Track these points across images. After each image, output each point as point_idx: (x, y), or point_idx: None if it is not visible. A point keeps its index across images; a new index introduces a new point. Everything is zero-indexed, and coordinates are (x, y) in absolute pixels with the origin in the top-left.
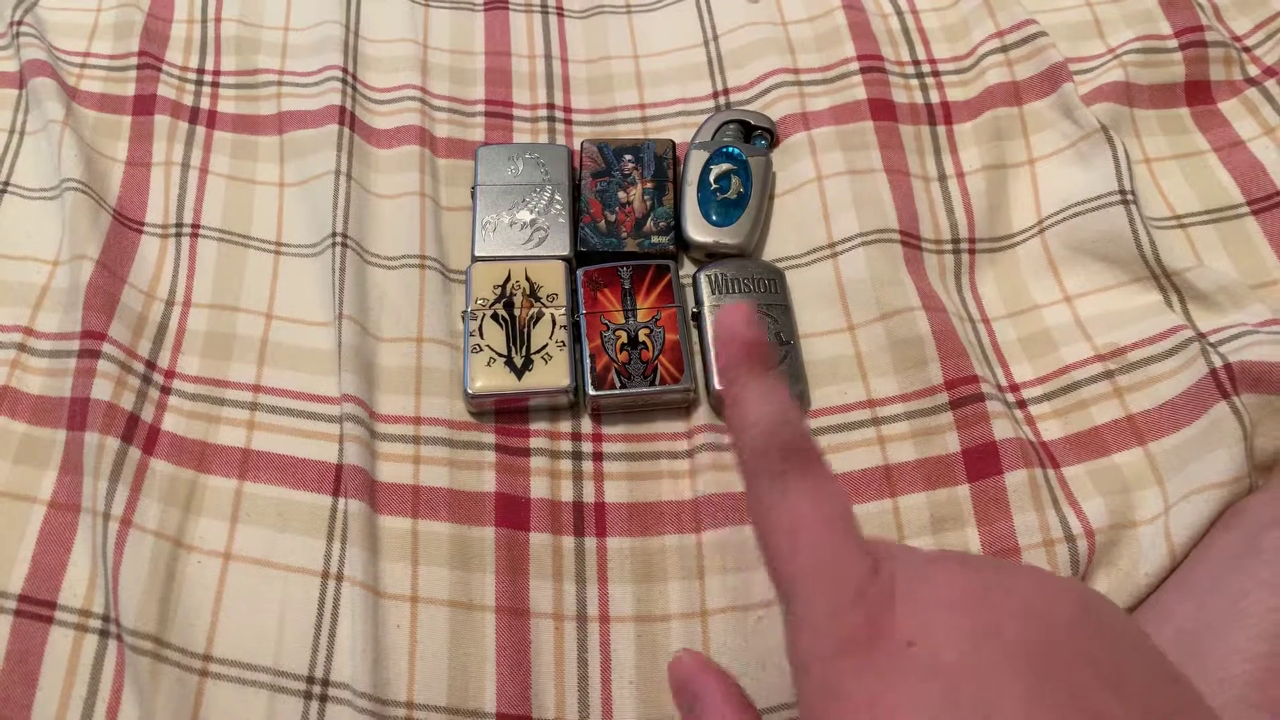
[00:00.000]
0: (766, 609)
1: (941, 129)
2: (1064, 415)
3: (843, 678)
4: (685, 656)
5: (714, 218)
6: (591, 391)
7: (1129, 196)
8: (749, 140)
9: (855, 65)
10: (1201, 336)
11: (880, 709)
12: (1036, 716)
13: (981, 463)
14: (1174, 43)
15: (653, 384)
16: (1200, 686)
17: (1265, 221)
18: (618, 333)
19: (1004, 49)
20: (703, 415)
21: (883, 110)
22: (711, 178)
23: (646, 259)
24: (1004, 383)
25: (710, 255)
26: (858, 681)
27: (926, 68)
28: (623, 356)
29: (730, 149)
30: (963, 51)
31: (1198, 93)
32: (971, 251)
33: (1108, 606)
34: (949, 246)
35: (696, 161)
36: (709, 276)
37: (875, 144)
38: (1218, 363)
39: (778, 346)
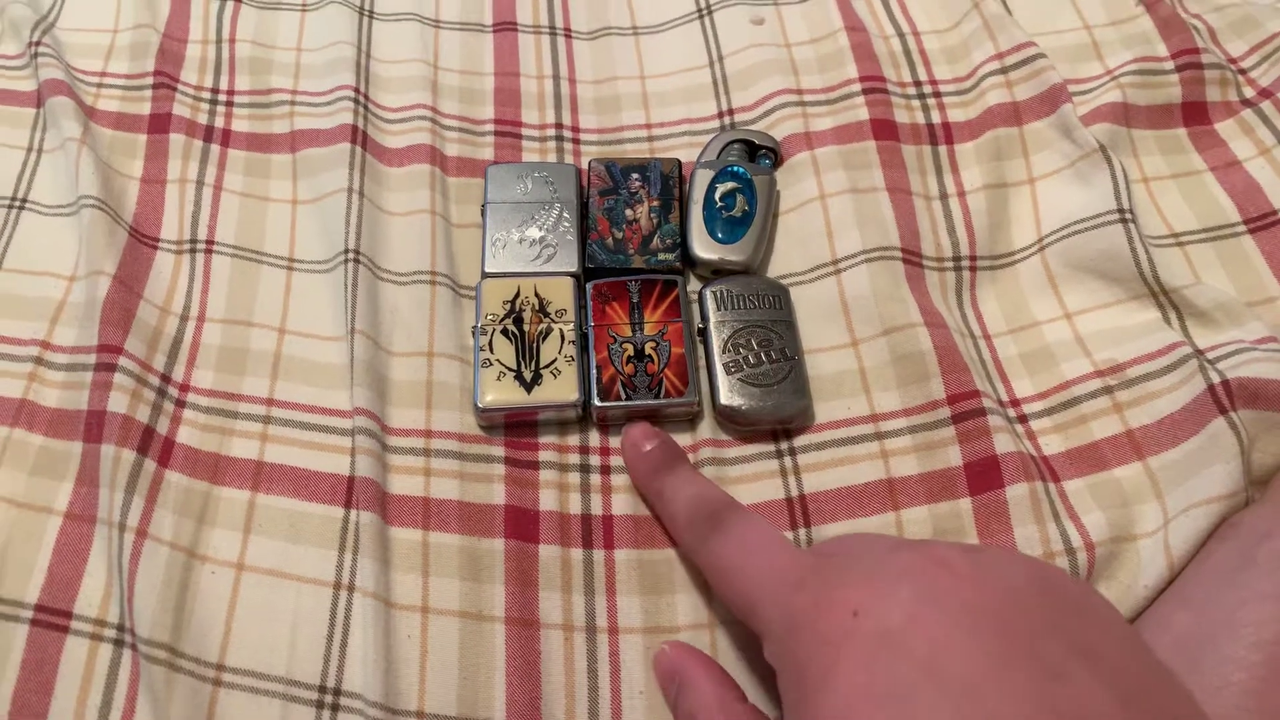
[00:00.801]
0: None
1: (943, 149)
2: (1064, 430)
3: (799, 655)
4: (667, 647)
5: (719, 235)
6: (597, 402)
7: (1128, 215)
8: (753, 159)
9: (858, 86)
10: (1200, 353)
11: (835, 675)
12: (991, 671)
13: (983, 476)
14: (1170, 64)
15: (658, 396)
16: (1197, 695)
17: (1262, 240)
18: (624, 345)
19: (1004, 70)
20: (706, 429)
21: (885, 130)
22: (717, 196)
23: (654, 275)
24: (1005, 398)
25: (716, 272)
26: (812, 653)
27: (928, 88)
28: (629, 369)
29: (735, 168)
30: (963, 73)
31: (1194, 114)
32: (973, 269)
33: (1077, 585)
34: (950, 264)
35: (702, 180)
36: (714, 293)
37: (878, 163)
38: (1215, 379)
39: (783, 362)
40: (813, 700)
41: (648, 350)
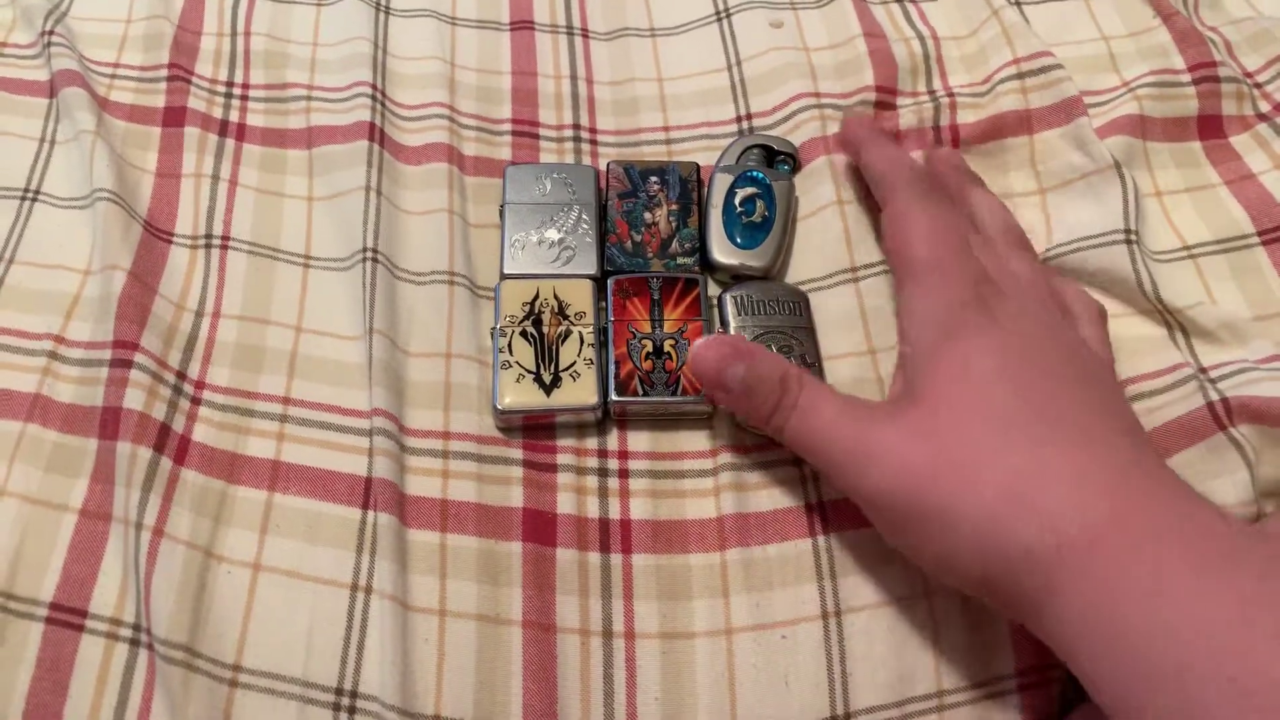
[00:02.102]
0: (789, 628)
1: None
2: None
3: (965, 321)
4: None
5: (738, 240)
6: (614, 397)
7: (1132, 236)
8: (772, 165)
9: (873, 96)
10: (1203, 371)
11: (987, 339)
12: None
13: None
14: (1187, 77)
15: (675, 394)
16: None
17: (1275, 252)
18: (644, 341)
19: (1020, 75)
20: (725, 433)
21: (896, 139)
22: (736, 201)
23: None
24: None
25: (735, 277)
26: (977, 318)
27: (943, 95)
28: (647, 365)
29: (754, 173)
30: (979, 79)
31: (1210, 127)
32: None
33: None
34: None
35: (721, 185)
36: (734, 298)
37: None
38: (1215, 397)
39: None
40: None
41: (666, 347)
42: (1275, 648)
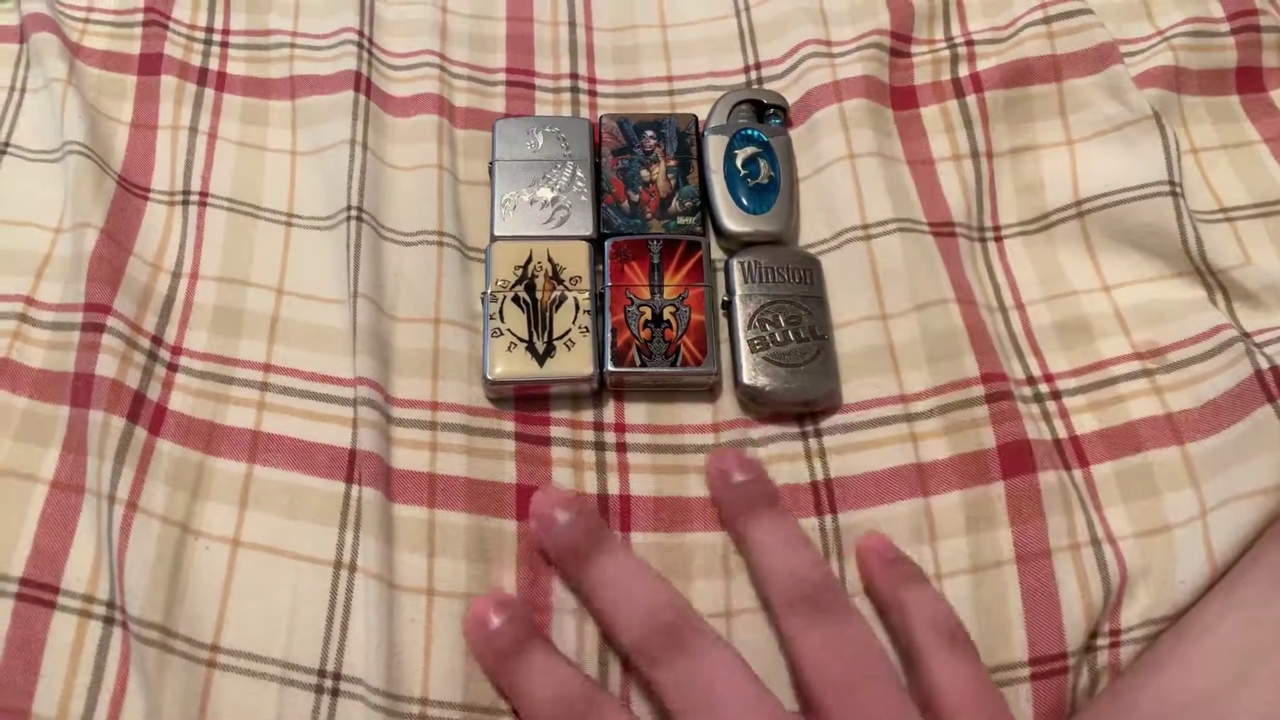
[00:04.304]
0: None
1: (971, 99)
2: (1100, 409)
3: None
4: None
5: (746, 204)
6: (610, 368)
7: (1178, 189)
8: (762, 120)
9: (887, 40)
10: (1247, 336)
11: None
12: None
13: (1016, 459)
14: (1225, 26)
15: (674, 365)
16: (1248, 708)
17: None
18: (642, 309)
19: (1046, 20)
20: (729, 408)
21: (905, 95)
22: (738, 163)
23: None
24: (1037, 373)
25: (745, 244)
26: None
27: (960, 41)
28: (645, 333)
29: (750, 131)
30: (1002, 23)
31: (1249, 80)
32: (998, 239)
33: None
34: (978, 230)
35: (716, 147)
36: (742, 264)
37: (897, 133)
38: (1264, 364)
39: (811, 341)
40: None
41: (666, 315)
42: None
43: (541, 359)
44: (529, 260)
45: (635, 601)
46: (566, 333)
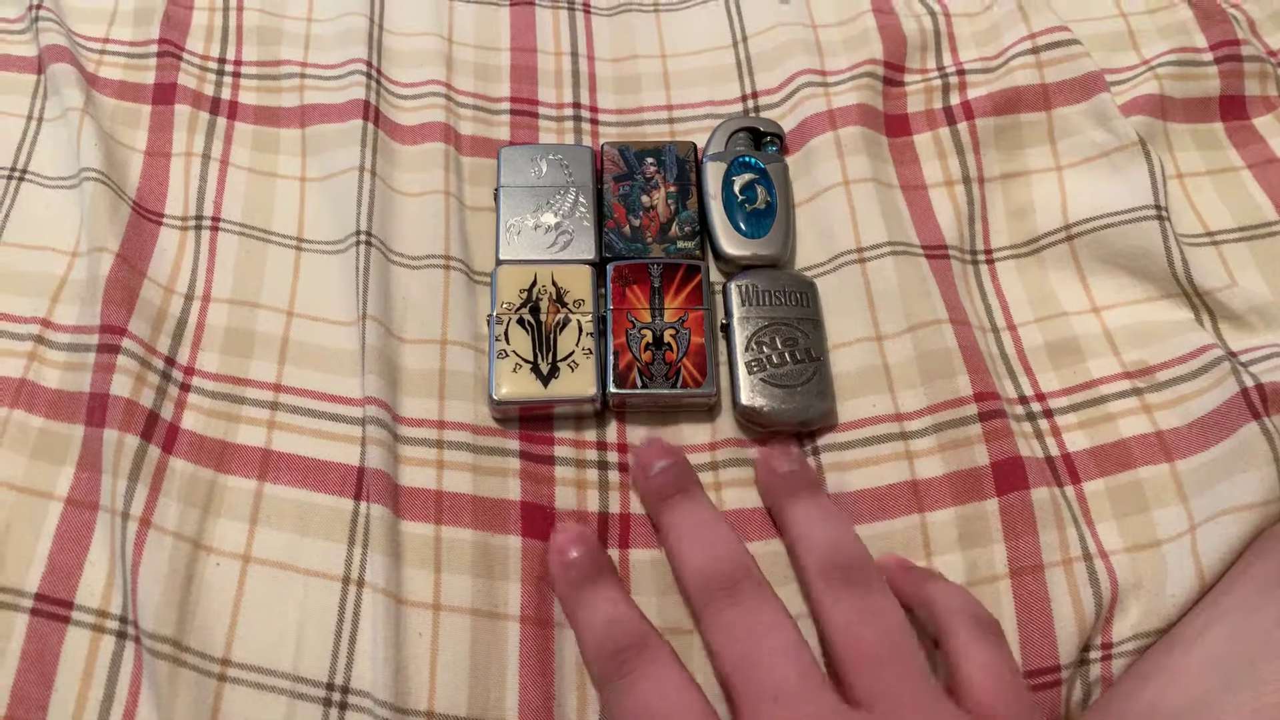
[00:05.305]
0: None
1: (963, 125)
2: (1091, 427)
3: None
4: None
5: (744, 229)
6: (613, 389)
7: (1163, 213)
8: (759, 147)
9: (880, 70)
10: (1232, 355)
11: None
12: None
13: (1010, 476)
14: (1209, 56)
15: (675, 386)
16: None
17: None
18: (643, 331)
19: (1035, 50)
20: (727, 428)
21: (899, 123)
22: (736, 189)
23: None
24: (1029, 393)
25: (742, 267)
26: None
27: (952, 71)
28: (646, 356)
29: (747, 158)
30: (992, 53)
31: (1232, 108)
32: (990, 261)
33: None
34: (970, 253)
35: (715, 173)
36: (740, 287)
37: (891, 160)
38: (1249, 383)
39: (807, 362)
40: None
41: (666, 338)
42: None
43: (546, 380)
44: (534, 284)
45: (703, 546)
46: (570, 354)
